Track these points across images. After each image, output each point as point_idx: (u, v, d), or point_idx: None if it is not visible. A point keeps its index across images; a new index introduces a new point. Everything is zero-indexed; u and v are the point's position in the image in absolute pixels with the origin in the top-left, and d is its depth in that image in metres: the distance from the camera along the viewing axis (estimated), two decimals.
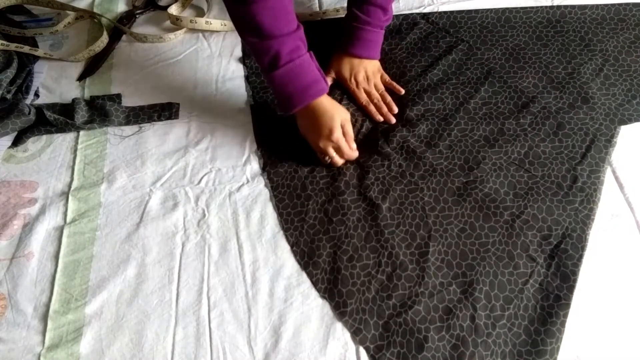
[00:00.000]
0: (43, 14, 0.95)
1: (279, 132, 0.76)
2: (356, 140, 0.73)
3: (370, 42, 0.79)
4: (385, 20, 0.79)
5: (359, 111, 0.79)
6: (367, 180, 0.70)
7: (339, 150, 0.70)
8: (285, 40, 0.65)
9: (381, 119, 0.76)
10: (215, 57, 0.88)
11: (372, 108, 0.77)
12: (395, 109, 0.77)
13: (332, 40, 0.87)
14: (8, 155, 0.76)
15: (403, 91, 0.79)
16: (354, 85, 0.79)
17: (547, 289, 0.61)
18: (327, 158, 0.70)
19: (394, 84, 0.80)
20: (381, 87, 0.80)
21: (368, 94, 0.78)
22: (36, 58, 0.88)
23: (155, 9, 0.95)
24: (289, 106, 0.69)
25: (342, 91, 0.81)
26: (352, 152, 0.71)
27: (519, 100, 0.78)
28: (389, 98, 0.78)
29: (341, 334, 0.59)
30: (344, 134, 0.70)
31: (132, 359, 0.59)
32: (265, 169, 0.73)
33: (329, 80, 0.77)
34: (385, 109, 0.77)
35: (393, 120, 0.76)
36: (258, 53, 0.67)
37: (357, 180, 0.71)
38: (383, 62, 0.84)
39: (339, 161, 0.71)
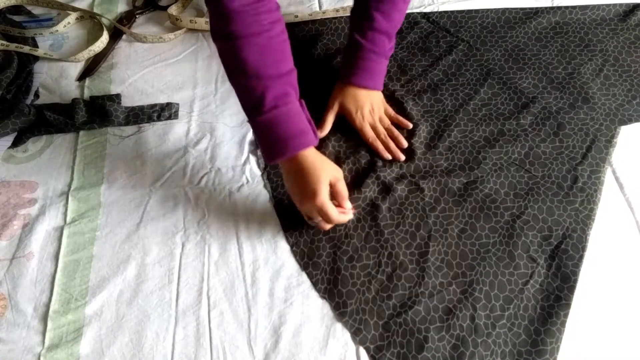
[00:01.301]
0: (43, 14, 0.95)
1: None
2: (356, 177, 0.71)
3: (375, 72, 0.74)
4: (390, 49, 0.75)
5: (364, 147, 0.74)
6: (368, 180, 0.70)
7: (324, 215, 0.61)
8: (272, 84, 0.59)
9: (389, 157, 0.71)
10: (215, 57, 0.87)
11: (379, 145, 0.72)
12: (405, 144, 0.73)
13: (331, 41, 0.87)
14: (8, 156, 0.76)
15: (410, 125, 0.75)
16: (359, 119, 0.74)
17: (547, 289, 0.61)
18: (310, 222, 0.64)
19: (400, 118, 0.75)
20: (387, 121, 0.75)
21: (374, 128, 0.74)
22: (36, 58, 0.88)
23: (155, 9, 0.95)
24: (270, 156, 0.61)
25: (347, 126, 0.76)
26: (343, 216, 0.62)
27: (519, 100, 0.78)
28: (396, 132, 0.74)
29: (341, 334, 0.59)
30: (335, 193, 0.62)
31: (132, 359, 0.59)
32: (265, 169, 0.73)
33: (332, 115, 0.75)
34: (393, 145, 0.72)
35: (402, 157, 0.71)
36: (242, 95, 0.61)
37: (357, 181, 0.71)
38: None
39: (326, 226, 0.63)
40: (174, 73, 0.85)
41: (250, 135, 0.77)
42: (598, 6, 0.88)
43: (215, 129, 0.78)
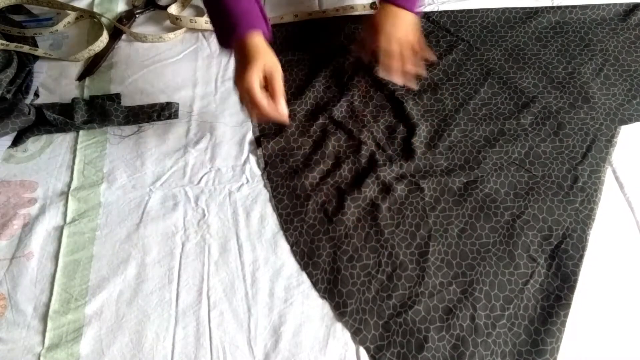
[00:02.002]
0: (43, 13, 0.95)
1: (278, 132, 0.76)
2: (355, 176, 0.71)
3: None
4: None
5: (364, 147, 0.74)
6: (368, 180, 0.70)
7: (250, 98, 0.61)
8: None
9: (399, 81, 0.72)
10: (215, 56, 0.87)
11: (394, 64, 0.72)
12: (424, 74, 0.73)
13: (332, 40, 0.87)
14: (8, 155, 0.76)
15: (436, 59, 0.77)
16: (385, 37, 0.71)
17: (547, 289, 0.61)
18: (243, 108, 0.65)
19: (426, 50, 0.75)
20: (413, 47, 0.73)
21: (399, 49, 0.72)
22: (36, 58, 0.88)
23: (155, 8, 0.95)
24: (221, 40, 0.67)
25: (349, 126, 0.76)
26: (273, 110, 0.62)
27: (519, 100, 0.78)
28: (418, 61, 0.73)
29: (341, 334, 0.59)
30: (270, 87, 0.62)
31: (132, 359, 0.59)
32: (265, 169, 0.73)
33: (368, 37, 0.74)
34: (409, 74, 0.72)
35: (415, 86, 0.72)
36: None
37: (357, 180, 0.71)
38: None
39: (252, 114, 0.64)
40: (173, 73, 0.85)
41: (250, 135, 0.77)
42: (598, 6, 0.88)
43: (215, 129, 0.78)
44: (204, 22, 0.90)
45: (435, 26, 0.89)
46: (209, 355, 0.59)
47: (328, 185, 0.71)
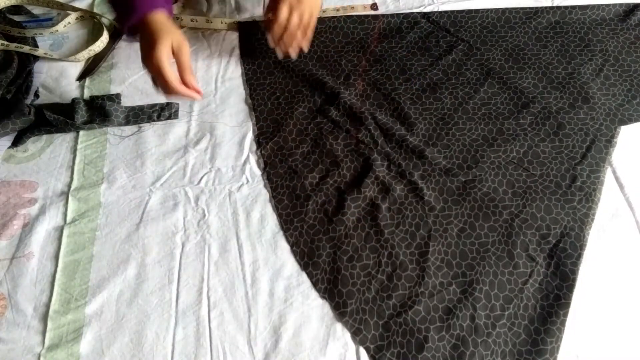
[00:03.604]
0: (43, 14, 0.95)
1: (278, 132, 0.76)
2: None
3: None
4: None
5: (363, 146, 0.74)
6: (367, 180, 0.70)
7: (162, 76, 0.62)
8: None
9: (272, 45, 0.72)
10: (215, 57, 0.87)
11: (276, 33, 0.71)
12: (305, 48, 0.73)
13: (330, 40, 0.87)
14: (8, 155, 0.76)
15: (306, 50, 0.75)
16: (285, 9, 0.70)
17: (546, 289, 0.61)
18: (155, 86, 0.64)
19: (310, 30, 0.74)
20: (304, 19, 0.72)
21: (289, 17, 0.70)
22: (36, 58, 0.88)
23: None
24: (122, 20, 0.64)
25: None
26: (183, 87, 0.63)
27: (519, 100, 0.78)
28: (306, 35, 0.73)
29: (341, 334, 0.59)
30: (178, 63, 0.62)
31: (132, 359, 0.59)
32: (265, 169, 0.73)
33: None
34: (289, 43, 0.71)
35: (294, 55, 0.72)
36: None
37: (356, 180, 0.71)
38: (383, 60, 0.84)
39: (164, 90, 0.64)
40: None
41: (250, 135, 0.77)
42: (598, 6, 0.88)
43: (215, 129, 0.78)
44: (204, 21, 0.90)
45: (435, 26, 0.89)
46: (209, 355, 0.59)
47: (328, 185, 0.71)
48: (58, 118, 0.76)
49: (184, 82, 0.64)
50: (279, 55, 0.73)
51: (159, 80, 0.62)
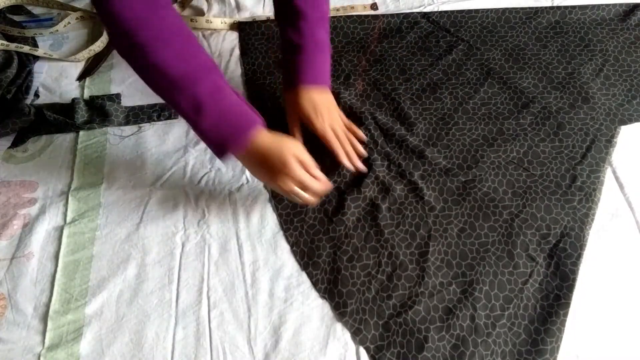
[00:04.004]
0: (43, 14, 0.95)
1: (278, 132, 0.76)
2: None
3: (319, 65, 0.70)
4: (328, 40, 0.70)
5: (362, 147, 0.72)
6: (367, 180, 0.70)
7: (302, 185, 0.60)
8: (202, 81, 0.57)
9: (348, 163, 0.68)
10: (215, 57, 0.88)
11: (340, 151, 0.68)
12: (364, 153, 0.71)
13: (330, 39, 0.87)
14: (8, 155, 0.76)
15: (365, 137, 0.73)
16: (320, 122, 0.69)
17: (546, 289, 0.61)
18: (295, 199, 0.61)
19: (354, 127, 0.73)
20: (346, 120, 0.72)
21: (334, 130, 0.69)
22: (36, 58, 0.88)
23: None
24: (223, 149, 0.59)
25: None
26: (319, 183, 0.61)
27: (519, 100, 0.78)
28: (354, 140, 0.71)
29: (341, 334, 0.59)
30: (302, 165, 0.60)
31: (132, 359, 0.59)
32: None
33: (297, 126, 0.71)
34: (353, 154, 0.69)
35: (363, 169, 0.69)
36: (176, 103, 0.57)
37: (356, 180, 0.71)
38: (383, 60, 0.84)
39: (310, 199, 0.61)
40: None
41: None
42: (598, 6, 0.88)
43: None
44: (204, 21, 0.90)
45: (435, 26, 0.89)
46: (209, 355, 0.59)
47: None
48: (58, 118, 0.77)
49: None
50: (349, 166, 0.69)
51: (299, 187, 0.60)
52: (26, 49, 0.86)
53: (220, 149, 0.60)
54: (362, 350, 0.58)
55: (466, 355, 0.57)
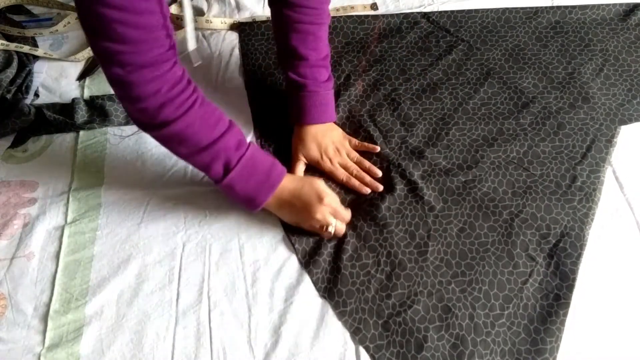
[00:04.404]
0: (43, 13, 0.95)
1: (278, 132, 0.76)
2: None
3: (324, 104, 0.72)
4: (330, 78, 0.73)
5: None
6: (367, 180, 0.71)
7: (336, 214, 0.64)
8: (226, 141, 0.60)
9: (368, 191, 0.69)
10: (215, 56, 0.88)
11: (355, 183, 0.69)
12: (379, 173, 0.71)
13: (330, 39, 0.87)
14: (8, 155, 0.77)
15: (378, 148, 0.73)
16: (328, 164, 0.71)
17: (546, 288, 0.61)
18: (330, 228, 0.63)
19: (365, 144, 0.73)
20: (354, 154, 0.73)
21: (345, 167, 0.71)
22: (36, 58, 0.88)
23: None
24: (256, 203, 0.63)
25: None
26: (348, 212, 0.66)
27: (519, 100, 0.78)
28: (367, 163, 0.72)
29: (341, 334, 0.59)
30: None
31: (132, 359, 0.59)
32: None
33: (302, 165, 0.71)
34: (368, 178, 0.70)
35: (380, 187, 0.69)
36: (206, 166, 0.61)
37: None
38: (383, 60, 0.84)
39: (342, 228, 0.65)
40: None
41: (251, 136, 0.77)
42: (598, 6, 0.88)
43: None
44: (204, 21, 0.90)
45: (435, 26, 0.89)
46: (209, 355, 0.59)
47: (328, 186, 0.70)
48: (58, 118, 0.77)
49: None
50: (365, 190, 0.69)
51: (336, 216, 0.64)
52: (26, 48, 0.86)
53: (252, 202, 0.63)
54: (361, 350, 0.58)
55: (465, 354, 0.57)
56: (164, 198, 0.71)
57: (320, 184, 0.64)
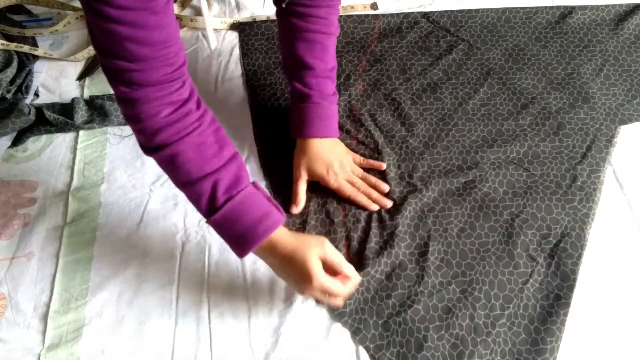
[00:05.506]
0: (43, 13, 0.95)
1: (278, 132, 0.76)
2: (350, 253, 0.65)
3: (328, 117, 0.70)
4: (335, 92, 0.71)
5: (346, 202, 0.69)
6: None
7: (330, 293, 0.55)
8: (220, 176, 0.54)
9: (376, 207, 0.67)
10: (215, 56, 0.88)
11: (362, 199, 0.67)
12: (385, 188, 0.69)
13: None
14: (8, 155, 0.76)
15: (384, 166, 0.71)
16: (334, 179, 0.68)
17: (547, 288, 0.61)
18: (323, 303, 0.60)
19: (370, 161, 0.72)
20: (359, 170, 0.71)
21: (351, 183, 0.69)
22: (36, 58, 0.88)
23: None
24: (241, 249, 0.56)
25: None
26: (349, 286, 0.56)
27: (518, 101, 0.78)
28: (373, 179, 0.70)
29: (341, 334, 0.59)
30: (330, 265, 0.56)
31: (132, 359, 0.59)
32: (265, 169, 0.73)
33: (304, 184, 0.69)
34: (375, 194, 0.68)
35: (389, 204, 0.67)
36: (194, 198, 0.56)
37: None
38: (383, 60, 0.84)
39: (337, 302, 0.58)
40: None
41: (250, 135, 0.77)
42: (598, 6, 0.88)
43: None
44: (204, 21, 0.90)
45: (435, 26, 0.89)
46: (209, 355, 0.59)
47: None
48: (58, 118, 0.77)
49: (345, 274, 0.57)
50: (372, 207, 0.68)
51: (326, 297, 0.56)
52: (26, 48, 0.86)
53: (235, 249, 0.57)
54: (361, 350, 0.58)
55: (465, 354, 0.57)
56: (164, 198, 0.71)
57: (312, 257, 0.54)
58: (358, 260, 0.64)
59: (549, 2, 0.91)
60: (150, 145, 0.54)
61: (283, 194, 0.71)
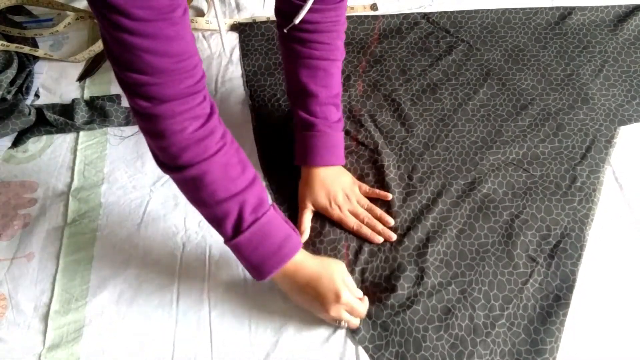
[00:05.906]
0: (43, 14, 0.95)
1: (278, 132, 0.77)
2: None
3: (333, 145, 0.68)
4: (340, 119, 0.69)
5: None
6: (367, 180, 0.70)
7: (352, 311, 0.57)
8: (246, 197, 0.53)
9: (381, 240, 0.65)
10: (215, 57, 0.88)
11: (366, 231, 0.66)
12: (391, 221, 0.67)
13: None
14: (8, 156, 0.77)
15: (390, 196, 0.69)
16: (337, 212, 0.67)
17: (546, 289, 0.61)
18: (342, 323, 0.58)
19: (377, 191, 0.69)
20: (365, 200, 0.69)
21: (355, 215, 0.67)
22: (36, 58, 0.88)
23: None
24: (262, 272, 0.56)
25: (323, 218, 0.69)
26: (364, 305, 0.59)
27: (518, 102, 0.78)
28: (378, 211, 0.68)
29: (340, 334, 0.59)
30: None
31: (132, 359, 0.59)
32: (265, 170, 0.73)
33: (309, 214, 0.68)
34: (380, 226, 0.66)
35: (394, 237, 0.65)
36: (217, 219, 0.54)
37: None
38: (383, 60, 0.84)
39: (357, 322, 0.58)
40: None
41: (250, 136, 0.77)
42: (597, 7, 0.88)
43: None
44: (204, 22, 0.91)
45: (435, 27, 0.89)
46: (209, 355, 0.59)
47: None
48: (58, 118, 0.77)
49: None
50: (377, 240, 0.66)
51: (351, 314, 0.57)
52: (26, 49, 0.86)
53: (257, 272, 0.57)
54: (361, 350, 0.58)
55: (465, 354, 0.57)
56: (164, 198, 0.71)
57: (338, 277, 0.57)
58: (357, 261, 0.64)
59: (548, 3, 0.91)
60: (174, 163, 0.51)
61: (283, 194, 0.71)
